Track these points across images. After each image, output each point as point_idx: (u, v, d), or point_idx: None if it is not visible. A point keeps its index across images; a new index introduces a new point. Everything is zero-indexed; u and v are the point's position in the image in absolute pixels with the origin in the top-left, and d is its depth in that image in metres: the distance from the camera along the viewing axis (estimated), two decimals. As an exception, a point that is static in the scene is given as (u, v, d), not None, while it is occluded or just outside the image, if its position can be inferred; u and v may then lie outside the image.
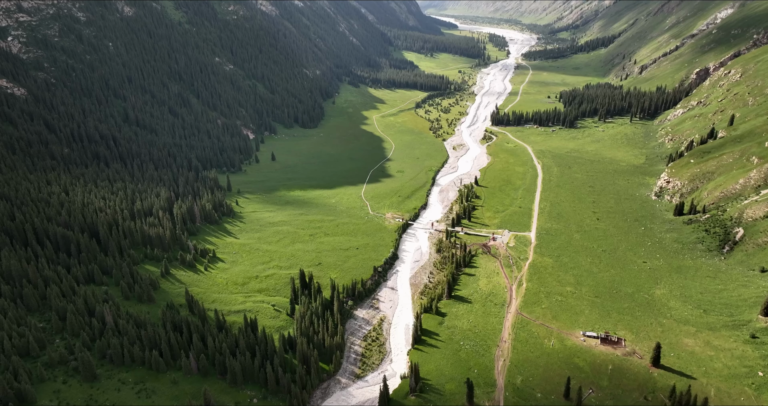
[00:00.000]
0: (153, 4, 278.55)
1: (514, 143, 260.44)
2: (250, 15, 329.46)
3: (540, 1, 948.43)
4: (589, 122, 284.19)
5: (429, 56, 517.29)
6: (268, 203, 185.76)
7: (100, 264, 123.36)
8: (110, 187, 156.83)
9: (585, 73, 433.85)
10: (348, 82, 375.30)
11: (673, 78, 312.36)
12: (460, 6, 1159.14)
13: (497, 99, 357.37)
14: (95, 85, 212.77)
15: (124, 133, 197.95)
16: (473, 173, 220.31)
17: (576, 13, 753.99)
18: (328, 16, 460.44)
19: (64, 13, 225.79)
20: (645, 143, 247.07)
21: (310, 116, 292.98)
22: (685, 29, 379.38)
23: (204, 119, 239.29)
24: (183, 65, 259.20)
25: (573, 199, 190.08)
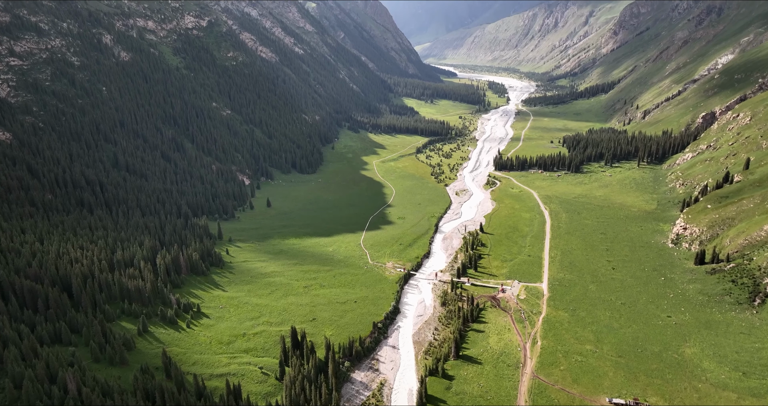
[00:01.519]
0: (151, 49, 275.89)
1: (518, 188, 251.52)
2: (249, 61, 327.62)
3: (537, 50, 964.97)
4: (596, 167, 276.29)
5: (429, 102, 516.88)
6: (260, 251, 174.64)
7: (69, 321, 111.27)
8: (90, 236, 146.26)
9: (586, 119, 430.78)
10: (348, 128, 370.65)
11: (679, 122, 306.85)
12: (459, 55, 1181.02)
13: (499, 144, 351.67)
14: (85, 129, 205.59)
15: (112, 179, 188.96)
16: (478, 220, 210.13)
17: (574, 61, 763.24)
18: (328, 63, 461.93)
19: (57, 58, 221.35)
20: (655, 188, 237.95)
21: (309, 162, 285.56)
22: (687, 75, 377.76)
23: (198, 164, 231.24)
24: (179, 110, 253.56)
25: (585, 247, 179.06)
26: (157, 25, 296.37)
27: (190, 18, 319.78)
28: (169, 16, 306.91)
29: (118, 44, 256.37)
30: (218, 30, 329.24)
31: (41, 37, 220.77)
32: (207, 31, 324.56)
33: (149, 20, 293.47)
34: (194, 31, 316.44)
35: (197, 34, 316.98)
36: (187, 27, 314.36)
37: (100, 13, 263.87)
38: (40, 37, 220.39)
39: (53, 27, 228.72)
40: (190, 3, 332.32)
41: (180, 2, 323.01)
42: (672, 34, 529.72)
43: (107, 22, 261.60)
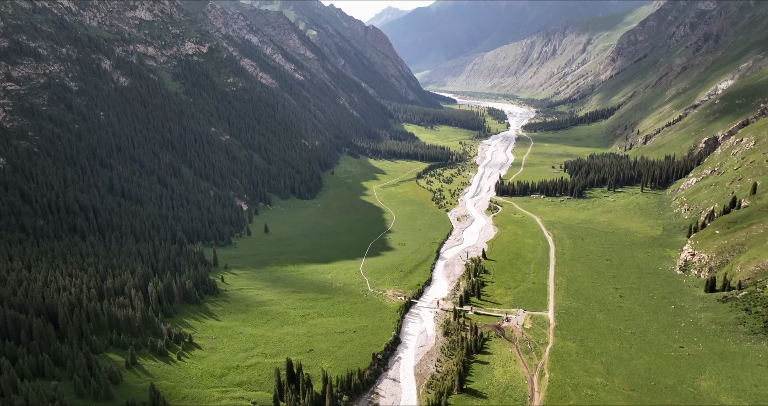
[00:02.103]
0: (150, 75, 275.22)
1: (521, 214, 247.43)
2: (249, 87, 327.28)
3: (536, 76, 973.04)
4: (598, 192, 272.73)
5: (429, 128, 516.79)
6: (257, 279, 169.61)
7: (53, 353, 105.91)
8: (80, 263, 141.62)
9: (587, 144, 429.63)
10: (348, 153, 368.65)
11: (681, 147, 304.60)
12: (458, 82, 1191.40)
13: (500, 169, 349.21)
14: (81, 154, 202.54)
15: (107, 204, 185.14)
16: (480, 246, 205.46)
17: (573, 88, 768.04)
18: (328, 90, 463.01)
19: (55, 83, 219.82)
20: (660, 213, 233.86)
21: (308, 187, 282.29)
22: (687, 100, 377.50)
23: (195, 190, 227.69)
24: (177, 135, 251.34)
25: (591, 273, 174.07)
26: (157, 50, 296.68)
27: (191, 44, 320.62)
28: (169, 42, 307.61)
29: (117, 69, 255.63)
30: (219, 56, 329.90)
31: (39, 62, 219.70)
32: (207, 57, 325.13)
33: (149, 46, 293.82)
34: (194, 57, 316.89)
35: (197, 60, 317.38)
36: (188, 53, 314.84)
37: (100, 39, 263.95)
38: (39, 62, 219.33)
39: (52, 52, 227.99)
40: (191, 29, 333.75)
41: (181, 29, 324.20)
42: (670, 60, 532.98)
43: (107, 48, 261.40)
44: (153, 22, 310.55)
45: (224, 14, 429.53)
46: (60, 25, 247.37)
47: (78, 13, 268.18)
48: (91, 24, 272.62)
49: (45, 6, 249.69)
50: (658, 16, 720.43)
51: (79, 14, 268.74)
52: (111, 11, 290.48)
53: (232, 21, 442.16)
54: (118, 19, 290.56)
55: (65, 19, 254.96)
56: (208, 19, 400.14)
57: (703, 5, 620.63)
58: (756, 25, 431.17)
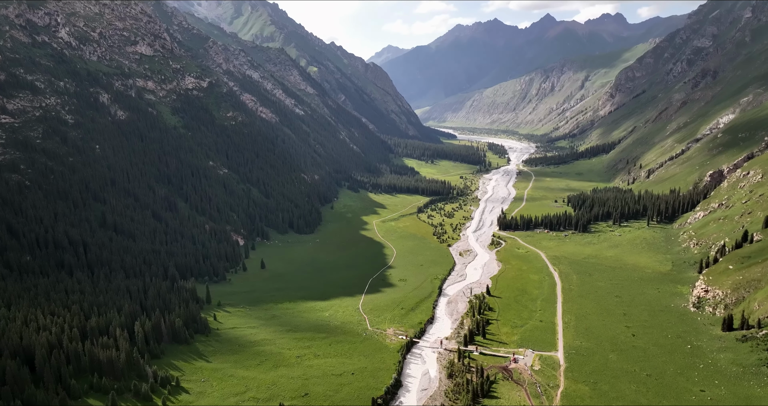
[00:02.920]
0: (149, 109, 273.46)
1: (525, 249, 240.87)
2: (249, 121, 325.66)
3: (535, 112, 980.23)
4: (603, 226, 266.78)
5: (430, 163, 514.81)
6: (251, 317, 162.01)
7: (27, 399, 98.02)
8: (65, 300, 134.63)
9: (589, 179, 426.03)
10: (347, 187, 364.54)
11: (686, 180, 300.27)
12: (458, 118, 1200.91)
13: (502, 204, 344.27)
14: (74, 187, 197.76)
15: (97, 239, 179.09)
16: (484, 282, 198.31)
17: (572, 123, 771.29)
18: (328, 124, 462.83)
19: (51, 116, 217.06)
20: (668, 248, 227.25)
21: (306, 221, 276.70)
22: (689, 134, 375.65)
23: (190, 224, 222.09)
24: (174, 168, 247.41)
25: (600, 311, 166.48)
26: (156, 85, 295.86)
27: (191, 79, 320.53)
28: (169, 76, 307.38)
29: (115, 103, 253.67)
30: (219, 91, 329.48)
31: (36, 95, 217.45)
32: (207, 91, 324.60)
33: (149, 80, 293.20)
34: (194, 92, 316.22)
35: (197, 94, 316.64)
36: (188, 87, 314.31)
37: (99, 73, 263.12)
38: (35, 96, 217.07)
39: (49, 85, 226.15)
40: (192, 65, 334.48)
41: (181, 64, 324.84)
42: (669, 95, 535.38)
43: (106, 82, 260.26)
44: (153, 56, 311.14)
45: (225, 50, 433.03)
46: (59, 59, 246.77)
47: (78, 48, 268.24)
48: (91, 58, 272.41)
49: (45, 40, 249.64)
50: (654, 53, 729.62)
51: (79, 49, 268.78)
52: (112, 46, 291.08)
53: (233, 57, 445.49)
54: (118, 54, 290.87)
55: (65, 53, 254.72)
56: (209, 54, 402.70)
57: (699, 42, 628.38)
58: (754, 60, 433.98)
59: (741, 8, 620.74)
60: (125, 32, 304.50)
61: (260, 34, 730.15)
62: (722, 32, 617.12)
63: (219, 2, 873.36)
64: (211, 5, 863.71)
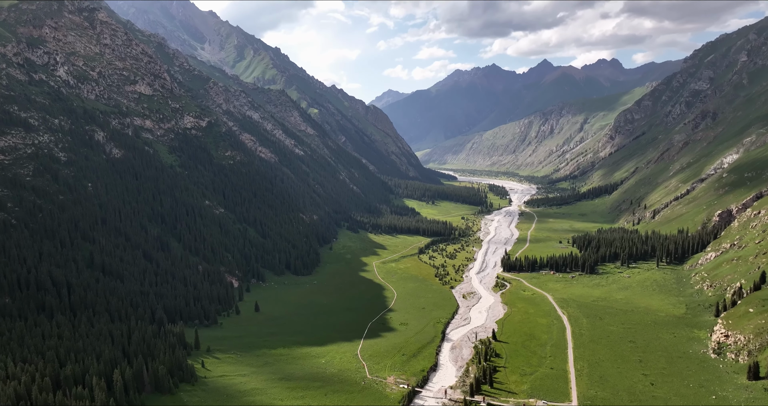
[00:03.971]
0: (146, 147, 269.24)
1: (531, 291, 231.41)
2: (247, 160, 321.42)
3: (535, 154, 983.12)
4: (611, 268, 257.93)
5: (430, 203, 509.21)
6: (242, 364, 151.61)
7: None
8: (40, 346, 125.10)
9: (593, 220, 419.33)
10: (347, 228, 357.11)
11: (694, 221, 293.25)
12: (458, 160, 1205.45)
13: (505, 245, 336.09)
14: (62, 226, 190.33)
15: (83, 280, 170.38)
16: (489, 326, 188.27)
17: (572, 165, 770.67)
18: (328, 165, 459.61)
19: (43, 153, 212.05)
20: (680, 290, 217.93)
21: (304, 262, 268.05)
22: (693, 174, 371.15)
23: (183, 265, 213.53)
24: (168, 207, 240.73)
25: (614, 357, 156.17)
26: (154, 124, 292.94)
27: (190, 118, 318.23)
28: (168, 115, 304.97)
29: (110, 141, 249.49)
30: (217, 130, 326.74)
31: (29, 133, 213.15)
32: (206, 130, 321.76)
33: (147, 119, 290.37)
34: (193, 131, 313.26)
35: (195, 133, 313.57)
36: (186, 126, 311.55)
37: (96, 111, 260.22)
38: (28, 133, 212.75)
39: (43, 123, 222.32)
40: (191, 104, 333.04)
41: (181, 103, 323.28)
42: (670, 137, 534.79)
43: (102, 120, 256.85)
44: (153, 96, 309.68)
45: (226, 91, 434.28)
46: (55, 97, 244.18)
47: (76, 86, 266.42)
48: (89, 97, 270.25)
49: (42, 78, 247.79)
50: (652, 96, 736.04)
51: (77, 87, 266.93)
52: (110, 85, 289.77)
53: (233, 98, 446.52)
54: (117, 93, 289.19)
55: (62, 91, 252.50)
56: (209, 95, 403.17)
57: (697, 85, 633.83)
58: (754, 101, 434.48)
59: (736, 52, 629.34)
60: (125, 72, 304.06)
61: (262, 77, 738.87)
62: (718, 75, 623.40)
63: (222, 47, 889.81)
64: (214, 49, 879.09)
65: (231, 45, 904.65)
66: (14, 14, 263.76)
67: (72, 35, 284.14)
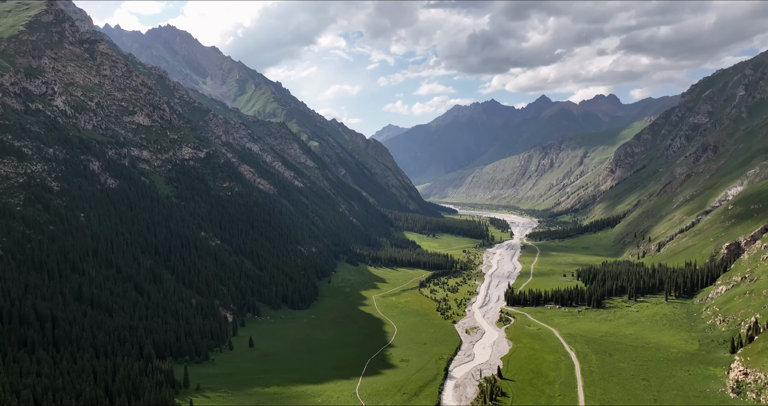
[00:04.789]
0: (142, 177, 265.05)
1: (536, 326, 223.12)
2: (245, 192, 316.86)
3: (535, 188, 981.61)
4: (619, 302, 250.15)
5: (431, 236, 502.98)
6: (233, 403, 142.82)
7: None
8: (16, 384, 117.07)
9: (596, 253, 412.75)
10: (346, 261, 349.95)
11: (701, 253, 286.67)
12: (459, 194, 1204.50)
13: (508, 278, 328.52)
14: (51, 257, 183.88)
15: (69, 313, 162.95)
16: (494, 363, 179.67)
17: (573, 199, 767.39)
18: (328, 197, 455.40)
19: (35, 182, 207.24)
20: (691, 325, 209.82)
21: (302, 296, 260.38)
22: (698, 206, 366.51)
23: (175, 298, 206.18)
24: (162, 238, 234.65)
25: (627, 396, 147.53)
26: (152, 154, 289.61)
27: (188, 149, 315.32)
28: (166, 146, 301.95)
29: (106, 171, 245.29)
30: (216, 161, 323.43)
31: (21, 162, 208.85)
32: (204, 162, 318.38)
33: (144, 150, 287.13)
34: (191, 162, 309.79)
35: (194, 164, 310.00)
36: (184, 157, 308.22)
37: (92, 141, 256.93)
38: (20, 162, 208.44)
39: (37, 152, 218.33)
40: (190, 135, 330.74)
41: (179, 134, 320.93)
42: (671, 169, 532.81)
43: (98, 150, 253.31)
44: (151, 127, 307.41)
45: (226, 123, 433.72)
46: (51, 126, 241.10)
47: (73, 116, 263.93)
48: (86, 127, 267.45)
49: (38, 108, 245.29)
50: (651, 129, 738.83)
51: (74, 117, 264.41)
52: (108, 116, 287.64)
53: (233, 130, 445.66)
54: (114, 124, 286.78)
55: (58, 120, 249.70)
56: (209, 126, 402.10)
57: (696, 119, 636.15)
58: (755, 134, 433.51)
59: (734, 87, 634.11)
60: (124, 102, 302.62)
61: (263, 111, 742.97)
62: (717, 109, 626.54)
63: (224, 81, 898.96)
64: (215, 83, 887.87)
65: (233, 79, 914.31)
66: (14, 45, 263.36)
67: (72, 66, 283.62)
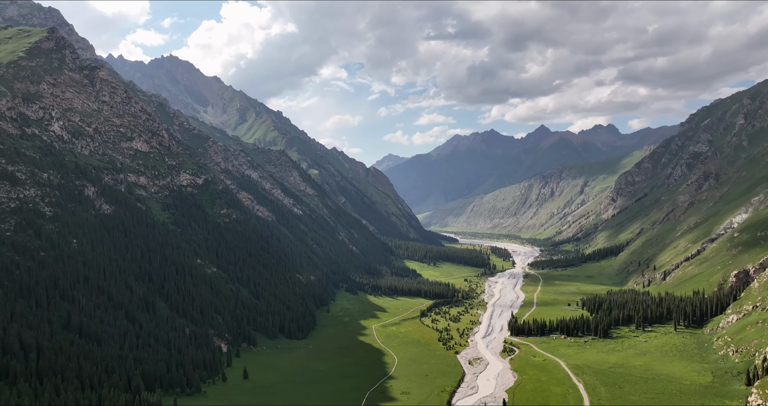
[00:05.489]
0: (138, 203, 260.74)
1: (541, 357, 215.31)
2: (243, 219, 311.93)
3: (536, 217, 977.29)
4: (626, 331, 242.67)
5: (432, 265, 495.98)
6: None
7: None
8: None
9: (600, 282, 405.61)
10: (345, 289, 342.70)
11: (709, 281, 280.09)
12: (459, 223, 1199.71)
13: (511, 307, 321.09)
14: (40, 285, 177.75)
15: (56, 343, 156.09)
16: (499, 395, 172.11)
17: (575, 227, 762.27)
18: (327, 225, 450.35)
19: (27, 208, 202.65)
20: (703, 356, 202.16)
21: (299, 325, 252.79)
22: (702, 234, 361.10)
23: (168, 327, 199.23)
24: (156, 266, 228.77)
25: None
26: (149, 180, 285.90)
27: (186, 175, 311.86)
28: (164, 172, 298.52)
29: (101, 197, 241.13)
30: (214, 188, 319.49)
31: (14, 187, 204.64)
32: (202, 188, 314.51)
33: (141, 176, 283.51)
34: (188, 188, 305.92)
35: (191, 191, 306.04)
36: (182, 184, 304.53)
37: (89, 166, 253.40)
38: (13, 187, 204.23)
39: (31, 177, 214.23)
40: (189, 162, 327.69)
41: (178, 161, 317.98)
42: (673, 197, 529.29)
43: (94, 176, 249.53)
44: (149, 153, 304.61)
45: (225, 151, 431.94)
46: (47, 151, 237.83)
47: (69, 141, 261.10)
48: (83, 152, 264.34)
49: (35, 133, 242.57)
50: (652, 158, 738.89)
51: (71, 142, 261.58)
52: (106, 141, 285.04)
53: (232, 157, 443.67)
54: (112, 149, 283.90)
55: (54, 145, 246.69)
56: (208, 153, 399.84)
57: (696, 148, 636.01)
58: (758, 162, 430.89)
59: (732, 116, 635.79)
60: (122, 128, 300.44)
61: (263, 139, 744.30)
62: (717, 138, 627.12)
63: (225, 110, 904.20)
64: (216, 112, 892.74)
65: (233, 108, 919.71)
66: (13, 70, 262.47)
67: (70, 92, 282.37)
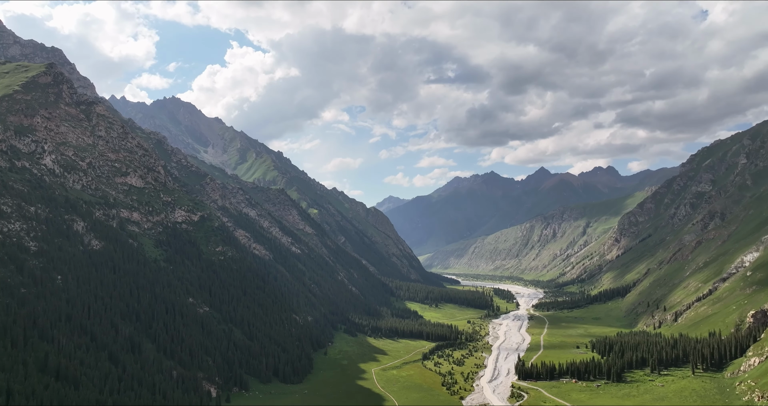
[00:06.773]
0: (129, 240, 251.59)
1: (552, 402, 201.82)
2: (239, 257, 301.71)
3: (539, 258, 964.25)
4: (640, 375, 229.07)
5: (433, 306, 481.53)
6: None
7: None
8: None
9: (608, 324, 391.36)
10: (344, 331, 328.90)
11: (725, 322, 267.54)
12: (461, 264, 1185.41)
13: (517, 350, 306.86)
14: (17, 323, 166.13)
15: (28, 386, 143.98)
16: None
17: (579, 268, 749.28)
18: (326, 264, 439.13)
19: (11, 242, 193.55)
20: (726, 402, 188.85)
21: (294, 369, 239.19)
22: (713, 274, 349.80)
23: (154, 369, 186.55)
24: (145, 304, 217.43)
25: None
26: (142, 216, 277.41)
27: (182, 212, 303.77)
28: (158, 208, 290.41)
29: (90, 232, 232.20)
30: (210, 225, 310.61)
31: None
32: (197, 225, 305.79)
33: (135, 212, 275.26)
34: (183, 225, 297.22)
35: (186, 227, 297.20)
36: (176, 220, 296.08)
37: (79, 201, 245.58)
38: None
39: (17, 210, 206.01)
40: (185, 198, 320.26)
41: (173, 197, 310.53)
42: (679, 237, 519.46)
43: (85, 210, 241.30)
44: (144, 188, 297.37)
45: (223, 188, 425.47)
46: (36, 184, 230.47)
47: (61, 175, 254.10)
48: (74, 187, 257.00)
49: (25, 166, 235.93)
50: (654, 198, 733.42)
51: (62, 176, 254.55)
52: (100, 176, 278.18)
53: (230, 194, 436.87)
54: (105, 184, 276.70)
55: (44, 179, 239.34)
56: (205, 191, 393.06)
57: (699, 187, 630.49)
58: (765, 200, 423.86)
59: (734, 156, 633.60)
60: (117, 163, 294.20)
61: (263, 178, 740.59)
62: (719, 178, 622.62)
63: (225, 150, 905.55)
64: (216, 152, 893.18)
65: (234, 148, 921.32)
66: (6, 103, 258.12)
67: (65, 126, 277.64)
